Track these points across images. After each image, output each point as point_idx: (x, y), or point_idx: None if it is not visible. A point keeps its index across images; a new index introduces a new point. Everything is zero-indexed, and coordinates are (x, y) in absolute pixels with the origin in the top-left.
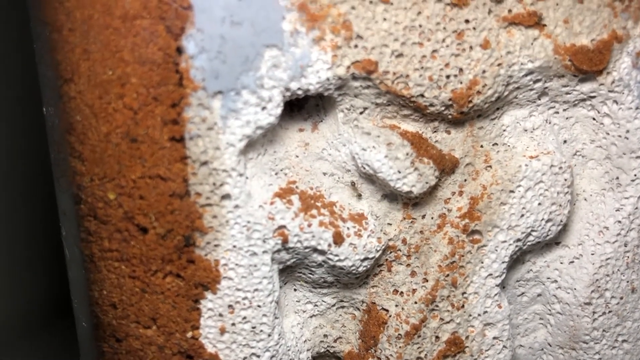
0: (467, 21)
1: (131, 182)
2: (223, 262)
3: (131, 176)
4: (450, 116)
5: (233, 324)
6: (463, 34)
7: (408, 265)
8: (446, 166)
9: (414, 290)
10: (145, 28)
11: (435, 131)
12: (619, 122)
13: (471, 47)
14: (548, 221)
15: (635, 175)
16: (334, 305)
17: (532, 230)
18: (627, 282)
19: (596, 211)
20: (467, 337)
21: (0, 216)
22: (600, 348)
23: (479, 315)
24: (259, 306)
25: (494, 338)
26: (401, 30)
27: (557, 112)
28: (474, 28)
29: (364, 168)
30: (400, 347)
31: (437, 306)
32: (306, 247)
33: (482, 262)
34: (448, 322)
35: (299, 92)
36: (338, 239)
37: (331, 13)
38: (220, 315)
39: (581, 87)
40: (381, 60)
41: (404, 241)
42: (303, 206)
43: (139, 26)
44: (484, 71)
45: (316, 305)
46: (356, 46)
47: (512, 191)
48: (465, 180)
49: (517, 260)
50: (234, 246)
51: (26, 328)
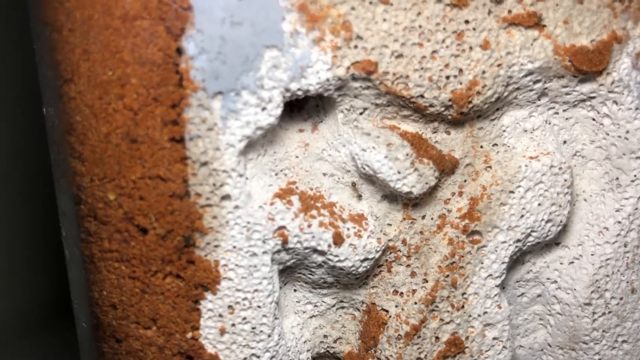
0: (467, 22)
1: (131, 183)
2: (223, 263)
3: (131, 177)
4: (450, 117)
5: (233, 325)
6: (463, 35)
7: (408, 265)
8: (446, 167)
9: (414, 290)
10: (145, 29)
11: (435, 132)
12: (619, 123)
13: (471, 48)
14: (548, 222)
15: (635, 175)
16: (334, 305)
17: (532, 230)
18: (627, 283)
19: (596, 212)
20: (467, 338)
21: (0, 216)
22: (600, 348)
23: (479, 315)
24: (259, 307)
25: (494, 339)
26: (401, 30)
27: (557, 113)
28: (474, 29)
29: (364, 169)
30: (400, 348)
31: (437, 307)
32: (306, 248)
33: (482, 263)
34: (448, 323)
35: (299, 93)
36: (338, 240)
37: (331, 14)
38: (220, 315)
39: (581, 88)
40: (381, 60)
41: (404, 242)
42: (303, 207)
43: (139, 27)
44: (484, 72)
45: (316, 305)
46: (356, 47)
47: (512, 192)
48: (465, 180)
49: (517, 260)
50: (234, 247)
51: (26, 328)
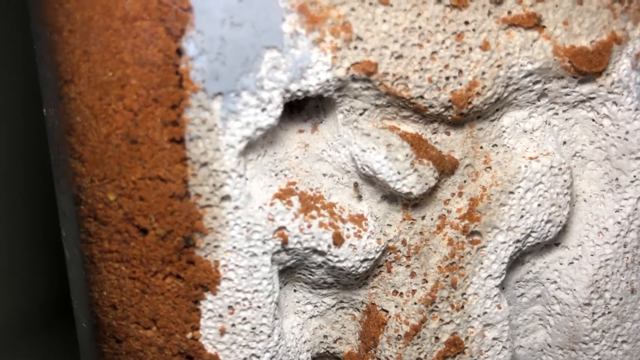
0: (467, 23)
1: (131, 184)
2: (223, 263)
3: (131, 177)
4: (449, 117)
5: (233, 325)
6: (462, 36)
7: (408, 266)
8: (446, 167)
9: (414, 291)
10: (145, 29)
11: (434, 132)
12: (619, 124)
13: (471, 49)
14: (547, 222)
15: (634, 176)
16: (334, 306)
17: (532, 231)
18: (627, 283)
19: (596, 212)
20: (467, 338)
21: (0, 216)
22: (599, 349)
23: (479, 316)
24: (259, 307)
25: (494, 339)
26: (401, 31)
27: (557, 114)
28: (474, 30)
29: (364, 169)
30: (400, 348)
31: (437, 307)
32: (306, 248)
33: (482, 263)
34: (448, 323)
35: (299, 94)
36: (338, 240)
37: (331, 15)
38: (220, 316)
39: (580, 89)
40: (381, 61)
41: (404, 242)
42: (303, 207)
43: (139, 28)
44: (484, 72)
45: (316, 306)
46: (356, 48)
47: (512, 192)
48: (464, 181)
49: (517, 261)
50: (234, 247)
51: (26, 328)
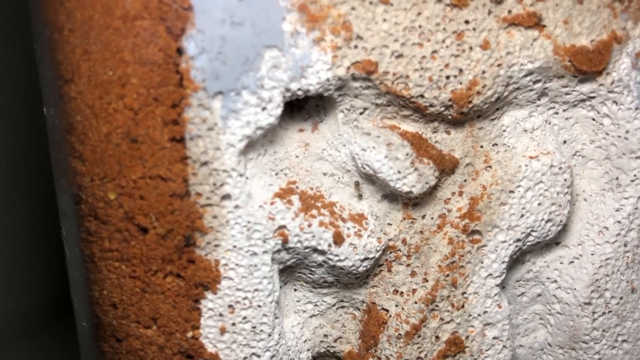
0: (467, 22)
1: (131, 183)
2: (223, 262)
3: (131, 176)
4: (450, 117)
5: (233, 324)
6: (463, 35)
7: (408, 265)
8: (446, 166)
9: (414, 290)
10: (145, 29)
11: (435, 131)
12: (619, 123)
13: (471, 48)
14: (548, 221)
15: (634, 175)
16: (334, 305)
17: (532, 230)
18: (627, 282)
19: (596, 211)
20: (467, 337)
21: (0, 216)
22: (600, 348)
23: (479, 315)
24: (259, 306)
25: (494, 338)
26: (401, 31)
27: (557, 113)
28: (474, 29)
29: (364, 168)
30: (400, 347)
31: (437, 306)
32: (306, 247)
33: (482, 262)
34: (448, 322)
35: (299, 93)
36: (338, 239)
37: (331, 14)
38: (220, 315)
39: (581, 88)
40: (381, 60)
41: (404, 241)
42: (303, 206)
43: (140, 27)
44: (484, 72)
45: (316, 305)
46: (356, 47)
47: (512, 191)
48: (465, 180)
49: (517, 260)
50: (234, 246)
51: (26, 328)
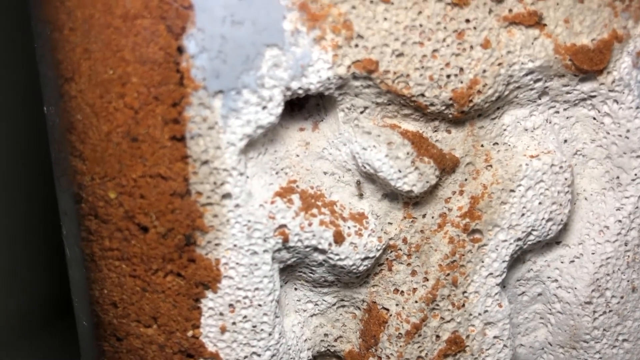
0: (468, 21)
1: (132, 181)
2: (224, 261)
3: (132, 175)
4: (450, 115)
5: (234, 323)
6: (463, 34)
7: (409, 264)
8: (447, 165)
9: (415, 289)
10: (146, 27)
11: (435, 130)
12: (620, 122)
13: (472, 47)
14: (548, 220)
15: (635, 174)
16: (335, 304)
17: (533, 229)
18: (628, 282)
19: (597, 210)
20: (468, 336)
21: (0, 215)
22: (600, 347)
23: (480, 314)
24: (260, 305)
25: (495, 337)
26: (402, 29)
27: (558, 112)
28: (475, 27)
29: (365, 167)
30: (400, 346)
31: (438, 305)
32: (307, 246)
33: (483, 262)
34: (449, 321)
35: (300, 92)
36: (339, 238)
37: (332, 12)
38: (220, 314)
39: (582, 87)
40: (382, 59)
41: (405, 240)
42: (304, 205)
43: (140, 25)
44: (485, 71)
45: (317, 304)
46: (357, 45)
47: (513, 190)
48: (465, 179)
49: (518, 259)
50: (235, 245)
51: (26, 328)
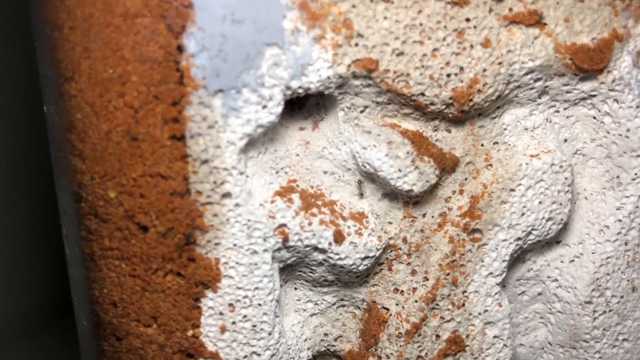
0: (468, 20)
1: (132, 181)
2: (224, 261)
3: (132, 174)
4: (450, 115)
5: (233, 323)
6: (464, 33)
7: (409, 264)
8: (447, 165)
9: (415, 289)
10: (146, 26)
11: (435, 130)
12: (620, 121)
13: (472, 46)
14: (548, 220)
15: (635, 174)
16: (335, 304)
17: (533, 229)
18: (628, 281)
19: (597, 210)
20: (468, 336)
21: (0, 216)
22: (600, 347)
23: (480, 314)
24: (260, 305)
25: (495, 337)
26: (402, 28)
27: (558, 111)
28: (475, 27)
29: (365, 167)
30: (400, 346)
31: (438, 305)
32: (307, 246)
33: (483, 261)
34: (448, 321)
35: (300, 91)
36: (338, 238)
37: (332, 11)
38: (220, 313)
39: (582, 86)
40: (382, 58)
41: (405, 240)
42: (304, 205)
43: (140, 24)
44: (485, 70)
45: (317, 304)
46: (357, 45)
47: (513, 190)
48: (465, 179)
49: (518, 259)
50: (235, 244)
51: (26, 328)
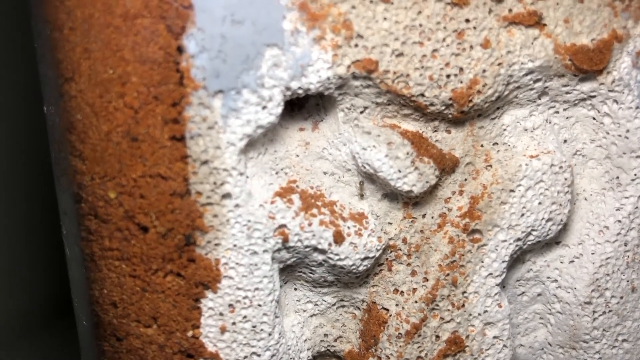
0: (468, 20)
1: (132, 181)
2: (223, 261)
3: (132, 175)
4: (450, 115)
5: (233, 323)
6: (463, 34)
7: (408, 264)
8: (446, 165)
9: (415, 289)
10: (146, 27)
11: (435, 130)
12: (619, 122)
13: (471, 47)
14: (548, 220)
15: (635, 174)
16: (335, 304)
17: (533, 229)
18: (627, 282)
19: (596, 210)
20: (468, 337)
21: (0, 215)
22: (600, 347)
23: (479, 314)
24: (260, 305)
25: (494, 337)
26: (401, 29)
27: (558, 112)
28: (475, 27)
29: (365, 167)
30: (400, 347)
31: (438, 305)
32: (306, 246)
33: (483, 262)
34: (448, 322)
35: (300, 92)
36: (338, 238)
37: (331, 12)
38: (220, 314)
39: (581, 87)
40: (381, 59)
41: (405, 240)
42: (303, 205)
43: (140, 25)
44: (484, 70)
45: (316, 304)
46: (356, 45)
47: (513, 190)
48: (465, 179)
49: (517, 259)
50: (235, 245)
51: (26, 328)
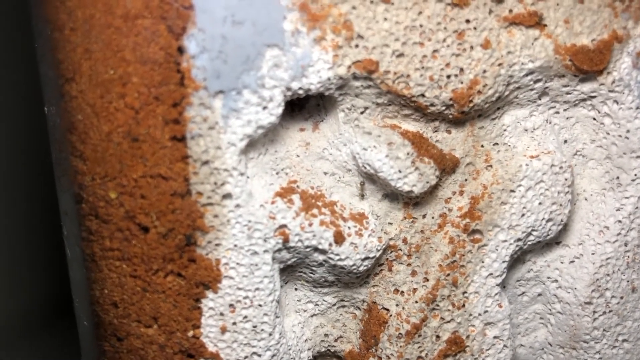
0: (468, 21)
1: (132, 182)
2: (224, 261)
3: (132, 175)
4: (451, 116)
5: (234, 323)
6: (464, 34)
7: (409, 264)
8: (447, 166)
9: (415, 289)
10: (146, 27)
11: (436, 131)
12: (620, 122)
13: (472, 47)
14: (548, 221)
15: (635, 174)
16: (335, 304)
17: (533, 229)
18: (628, 282)
19: (597, 211)
20: (468, 337)
21: (0, 216)
22: (600, 347)
23: (480, 314)
24: (260, 305)
25: (495, 337)
26: (402, 30)
27: (558, 112)
28: (475, 28)
29: (365, 168)
30: (401, 347)
31: (438, 305)
32: (307, 247)
33: (483, 262)
34: (449, 322)
35: (300, 92)
36: (339, 239)
37: (332, 13)
38: (221, 314)
39: (582, 87)
40: (382, 60)
41: (405, 241)
42: (304, 205)
43: (141, 26)
44: (485, 71)
45: (317, 304)
46: (357, 46)
47: (513, 191)
48: (465, 179)
49: (518, 259)
50: (235, 245)
51: (26, 328)
